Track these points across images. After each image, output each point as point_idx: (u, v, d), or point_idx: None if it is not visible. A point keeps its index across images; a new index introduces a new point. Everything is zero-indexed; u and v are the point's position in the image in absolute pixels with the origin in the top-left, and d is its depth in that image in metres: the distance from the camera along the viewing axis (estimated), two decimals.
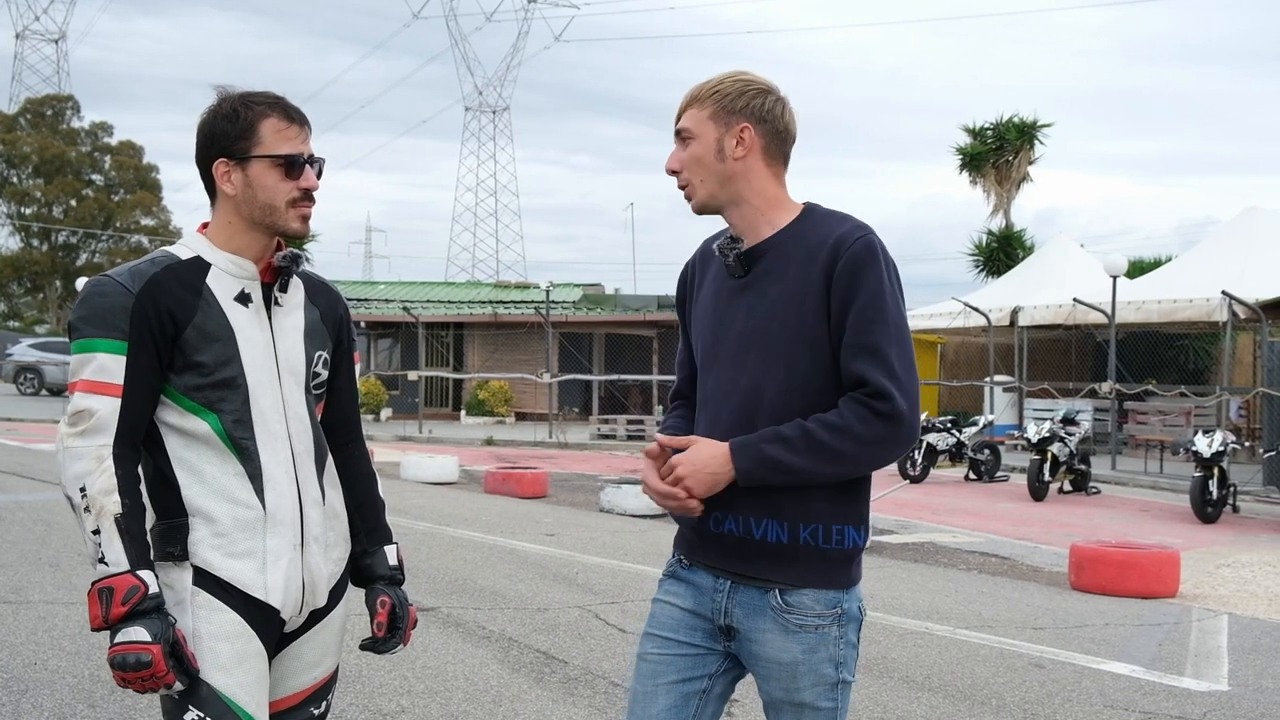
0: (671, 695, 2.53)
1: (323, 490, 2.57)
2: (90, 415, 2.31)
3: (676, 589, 2.58)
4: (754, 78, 2.53)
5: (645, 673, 2.56)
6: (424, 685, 5.56)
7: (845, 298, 2.38)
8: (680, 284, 2.73)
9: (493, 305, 34.05)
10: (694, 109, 2.52)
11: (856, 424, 2.36)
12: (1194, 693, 5.97)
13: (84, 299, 2.38)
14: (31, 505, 11.39)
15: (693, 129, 2.51)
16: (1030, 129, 34.37)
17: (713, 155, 2.50)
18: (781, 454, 2.36)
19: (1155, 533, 12.56)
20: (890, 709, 5.46)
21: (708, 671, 2.55)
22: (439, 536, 10.28)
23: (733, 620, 2.50)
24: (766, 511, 2.44)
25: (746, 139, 2.49)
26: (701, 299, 2.62)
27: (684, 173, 2.53)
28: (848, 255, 2.39)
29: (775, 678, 2.49)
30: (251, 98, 2.46)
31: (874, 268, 2.39)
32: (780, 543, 2.45)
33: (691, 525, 2.53)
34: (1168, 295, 20.89)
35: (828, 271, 2.40)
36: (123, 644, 2.24)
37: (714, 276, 2.59)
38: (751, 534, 2.45)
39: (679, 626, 2.55)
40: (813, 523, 2.44)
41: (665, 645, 2.56)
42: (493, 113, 76.66)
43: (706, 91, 2.51)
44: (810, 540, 2.44)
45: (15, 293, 67.60)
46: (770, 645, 2.47)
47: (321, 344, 2.60)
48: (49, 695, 5.23)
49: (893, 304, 2.40)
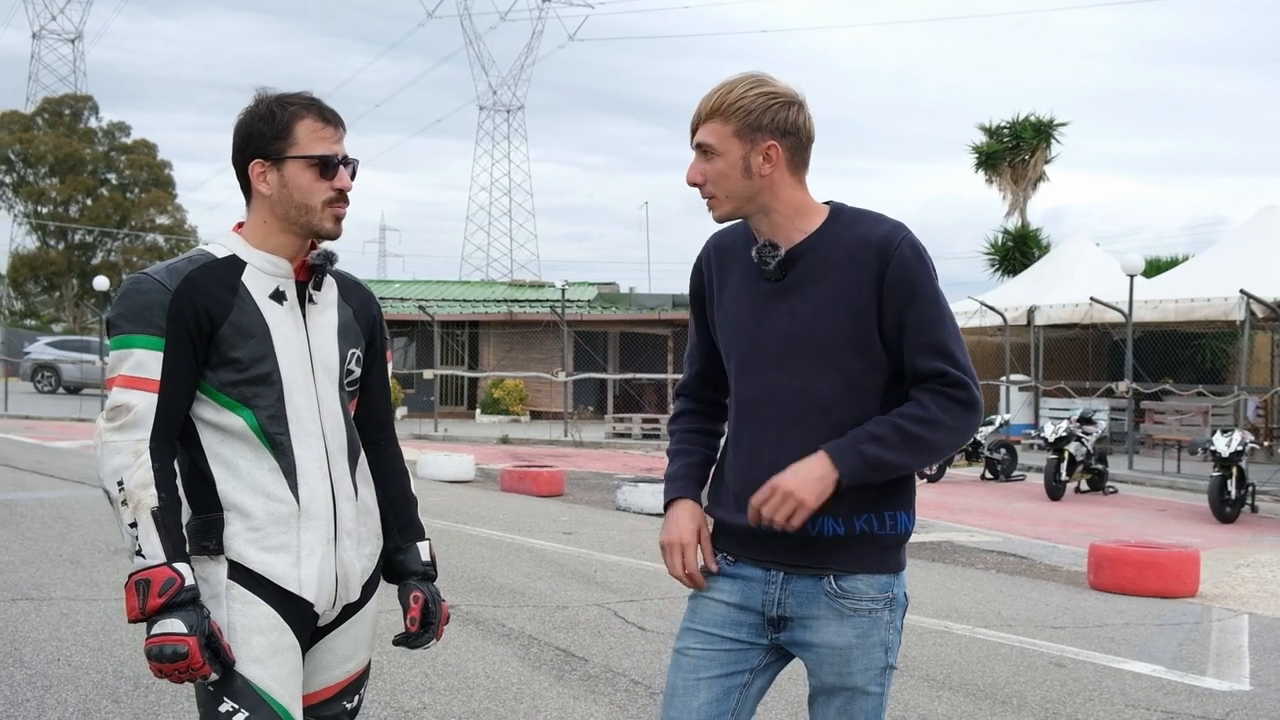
0: (713, 689, 2.55)
1: (355, 486, 2.59)
2: (128, 410, 2.33)
3: (721, 584, 2.59)
4: (776, 87, 2.47)
5: (686, 667, 2.57)
6: (445, 682, 5.58)
7: (902, 301, 2.44)
8: (695, 280, 2.71)
9: (508, 304, 34.08)
10: (716, 123, 2.45)
11: (942, 414, 2.44)
12: (1216, 692, 5.96)
13: (122, 296, 2.40)
14: (51, 503, 11.45)
15: (716, 145, 2.46)
16: (1047, 128, 34.28)
17: (739, 173, 2.46)
18: (880, 452, 2.41)
19: (1173, 532, 12.52)
20: (912, 707, 5.46)
21: (749, 666, 2.57)
22: (456, 534, 10.30)
23: (785, 610, 2.53)
24: (826, 508, 2.46)
25: (774, 156, 2.46)
26: (727, 301, 2.60)
27: (707, 185, 2.49)
28: (897, 259, 2.43)
29: (828, 662, 2.52)
30: (288, 99, 2.48)
31: (923, 268, 2.46)
32: (838, 535, 2.49)
33: (743, 524, 2.52)
34: (1185, 294, 20.81)
35: (877, 275, 2.44)
36: (159, 635, 2.27)
37: (744, 278, 2.57)
38: (808, 531, 2.48)
39: (724, 623, 2.57)
40: (866, 511, 2.49)
41: (709, 640, 2.57)
42: (507, 112, 76.80)
43: (730, 106, 2.44)
44: (866, 528, 2.49)
45: (32, 291, 67.94)
46: (824, 631, 2.51)
47: (354, 342, 2.62)
48: (73, 691, 5.25)
49: (943, 299, 2.49)
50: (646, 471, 17.33)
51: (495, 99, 76.63)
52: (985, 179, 35.06)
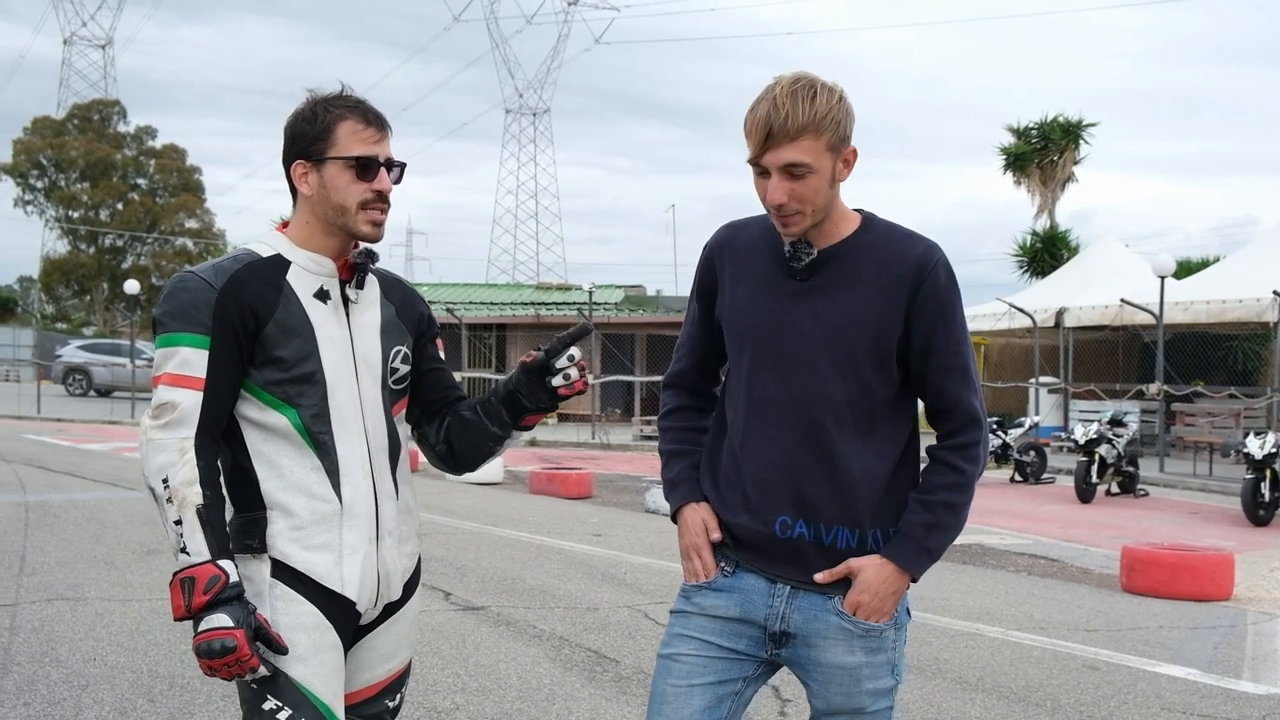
0: (706, 696, 2.49)
1: (396, 485, 2.59)
2: (173, 408, 2.35)
3: (719, 599, 2.53)
4: (836, 87, 2.40)
5: (679, 673, 2.51)
6: (477, 683, 5.59)
7: (933, 321, 2.45)
8: (703, 268, 2.64)
9: (535, 306, 34.15)
10: (808, 140, 2.34)
11: (969, 465, 2.50)
12: (1252, 696, 5.91)
13: (168, 294, 2.41)
14: (85, 504, 11.54)
15: (812, 163, 2.35)
16: (1075, 128, 34.07)
17: (828, 185, 2.40)
18: (941, 539, 2.49)
19: (1206, 535, 12.42)
20: (944, 710, 5.44)
21: (743, 675, 2.53)
22: (486, 536, 10.32)
23: (789, 626, 2.49)
24: (840, 518, 2.46)
25: (851, 160, 2.44)
26: (740, 295, 2.55)
27: (791, 203, 2.39)
28: (931, 280, 2.45)
29: (836, 683, 2.48)
30: (332, 100, 2.48)
31: (954, 292, 2.49)
32: (850, 547, 2.47)
33: (758, 530, 2.49)
34: (1216, 295, 20.64)
35: (909, 293, 2.44)
36: (207, 631, 2.28)
37: (764, 273, 2.52)
38: (821, 539, 2.47)
39: (721, 632, 2.51)
40: (878, 526, 2.48)
41: (703, 648, 2.51)
42: (533, 115, 77.05)
43: (821, 120, 2.34)
44: (875, 545, 2.48)
45: (63, 295, 68.53)
46: (832, 651, 2.47)
47: (399, 339, 2.62)
48: (109, 690, 5.29)
49: (965, 321, 2.53)
50: None
51: (522, 102, 76.90)
52: (1013, 180, 34.87)
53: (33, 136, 65.47)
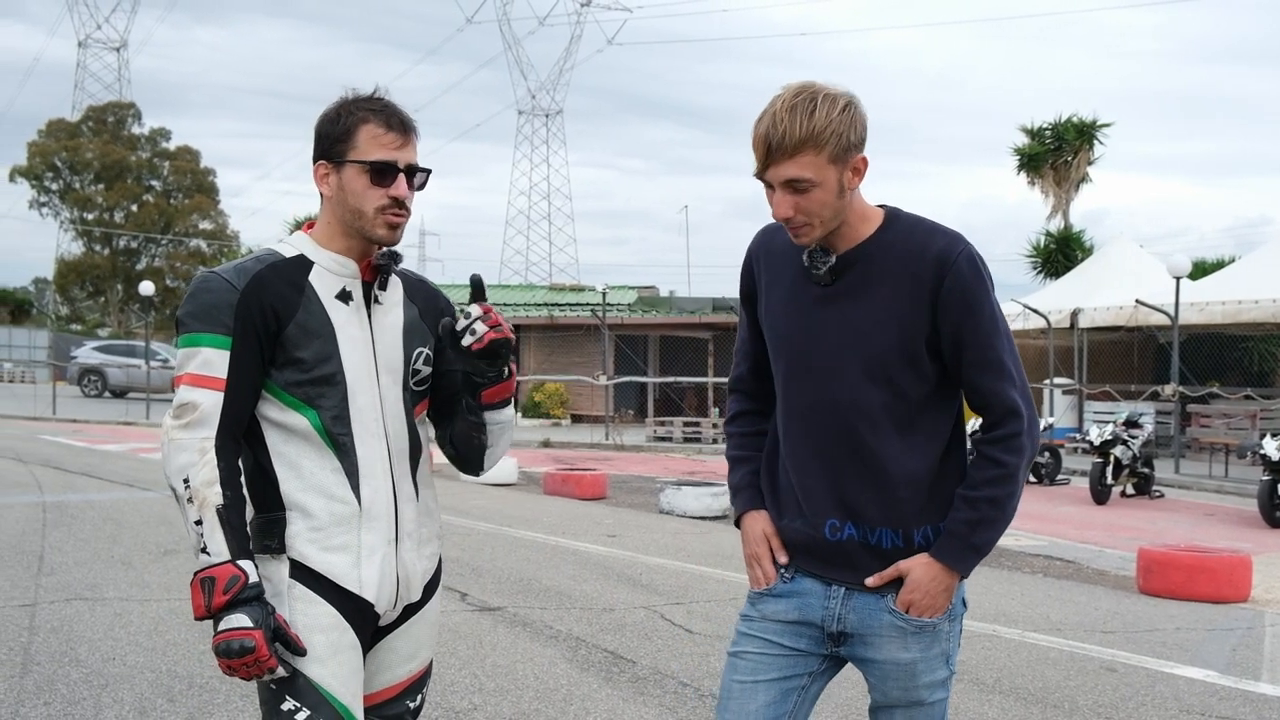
0: (772, 691, 2.55)
1: (416, 487, 2.60)
2: (194, 408, 2.35)
3: (779, 605, 2.58)
4: (843, 95, 2.37)
5: (744, 670, 2.57)
6: (495, 684, 5.60)
7: (960, 315, 2.41)
8: (745, 278, 2.66)
9: (548, 308, 34.16)
10: (808, 155, 2.32)
11: (1013, 458, 2.46)
12: (1271, 698, 5.88)
13: (191, 295, 2.42)
14: (102, 505, 11.58)
15: (814, 177, 2.34)
16: (1090, 129, 33.95)
17: (834, 197, 2.38)
18: (987, 534, 2.47)
19: (1222, 537, 12.37)
20: (962, 711, 5.42)
21: (808, 670, 2.58)
22: (501, 537, 10.33)
23: (846, 626, 2.53)
24: (883, 520, 2.48)
25: (861, 168, 2.41)
26: (775, 302, 2.56)
27: (798, 216, 2.39)
28: (954, 273, 2.40)
29: (893, 678, 2.53)
30: (357, 103, 2.48)
31: (981, 283, 2.43)
32: (896, 548, 2.49)
33: (810, 534, 2.53)
34: (1231, 296, 20.57)
35: (933, 289, 2.41)
36: (226, 631, 2.29)
37: (793, 279, 2.53)
38: (868, 540, 2.49)
39: (783, 633, 2.57)
40: (925, 524, 2.49)
41: (766, 646, 2.57)
42: (545, 116, 77.04)
43: (821, 134, 2.32)
44: (924, 543, 2.49)
45: (78, 296, 68.83)
46: (888, 648, 2.51)
47: (422, 340, 2.62)
48: (128, 690, 5.31)
49: (999, 312, 2.48)
50: (689, 474, 17.32)
51: (534, 103, 76.91)
52: (1027, 181, 34.76)
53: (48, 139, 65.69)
